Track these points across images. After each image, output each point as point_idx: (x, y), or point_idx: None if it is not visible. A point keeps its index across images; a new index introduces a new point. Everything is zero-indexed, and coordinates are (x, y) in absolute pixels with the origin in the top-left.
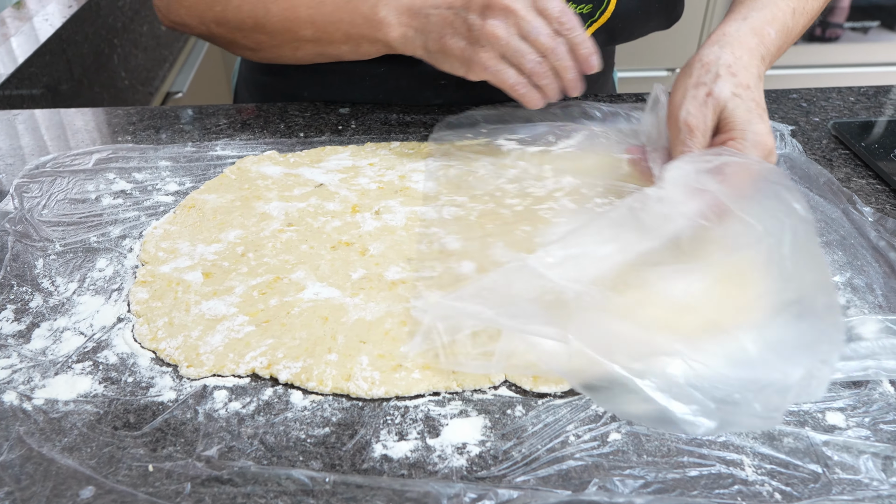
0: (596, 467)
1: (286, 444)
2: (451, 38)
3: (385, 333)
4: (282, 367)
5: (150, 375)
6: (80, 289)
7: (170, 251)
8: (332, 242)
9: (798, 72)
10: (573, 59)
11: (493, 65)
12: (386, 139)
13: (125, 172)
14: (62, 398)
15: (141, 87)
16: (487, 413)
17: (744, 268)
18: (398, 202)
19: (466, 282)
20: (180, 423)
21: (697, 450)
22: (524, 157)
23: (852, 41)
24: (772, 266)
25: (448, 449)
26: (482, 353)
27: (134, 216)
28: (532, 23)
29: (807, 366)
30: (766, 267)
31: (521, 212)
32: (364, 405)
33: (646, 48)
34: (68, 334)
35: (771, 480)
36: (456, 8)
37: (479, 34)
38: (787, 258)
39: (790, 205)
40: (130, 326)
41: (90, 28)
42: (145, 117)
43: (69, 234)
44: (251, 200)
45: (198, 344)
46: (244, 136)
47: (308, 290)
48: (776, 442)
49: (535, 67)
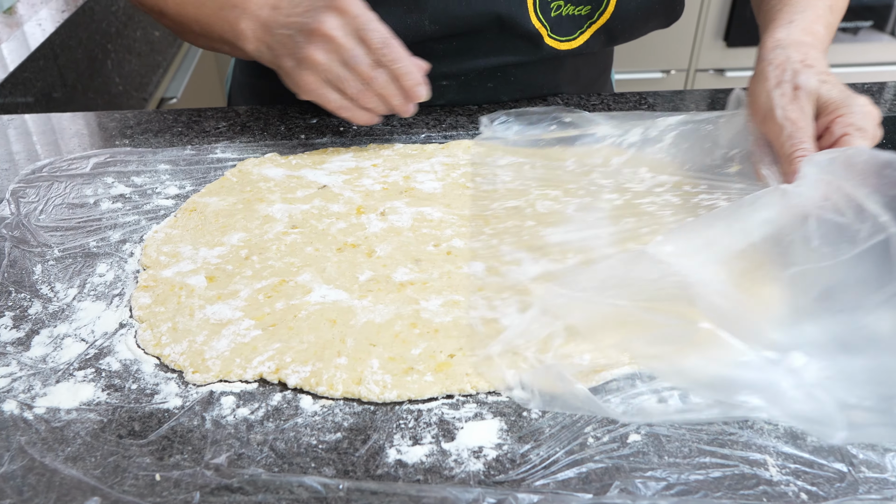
0: (617, 469)
1: (297, 451)
2: (285, 59)
3: (395, 336)
4: (290, 372)
5: (154, 382)
6: (80, 294)
7: (172, 255)
8: (337, 244)
9: None
10: (398, 87)
11: (315, 88)
12: (388, 140)
13: (124, 176)
14: (64, 406)
15: (135, 93)
16: (503, 415)
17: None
18: (404, 203)
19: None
20: (187, 431)
21: (719, 450)
22: (614, 154)
23: (843, 42)
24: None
25: (464, 453)
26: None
27: (134, 220)
28: (352, 51)
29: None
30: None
31: (621, 206)
32: (376, 409)
33: (640, 50)
34: (69, 341)
35: (796, 480)
36: (292, 30)
37: (303, 58)
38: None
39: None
40: (133, 332)
41: (83, 33)
42: (142, 121)
43: (68, 239)
44: (253, 203)
45: (203, 349)
46: (244, 139)
47: (315, 292)
48: (799, 441)
49: (357, 94)
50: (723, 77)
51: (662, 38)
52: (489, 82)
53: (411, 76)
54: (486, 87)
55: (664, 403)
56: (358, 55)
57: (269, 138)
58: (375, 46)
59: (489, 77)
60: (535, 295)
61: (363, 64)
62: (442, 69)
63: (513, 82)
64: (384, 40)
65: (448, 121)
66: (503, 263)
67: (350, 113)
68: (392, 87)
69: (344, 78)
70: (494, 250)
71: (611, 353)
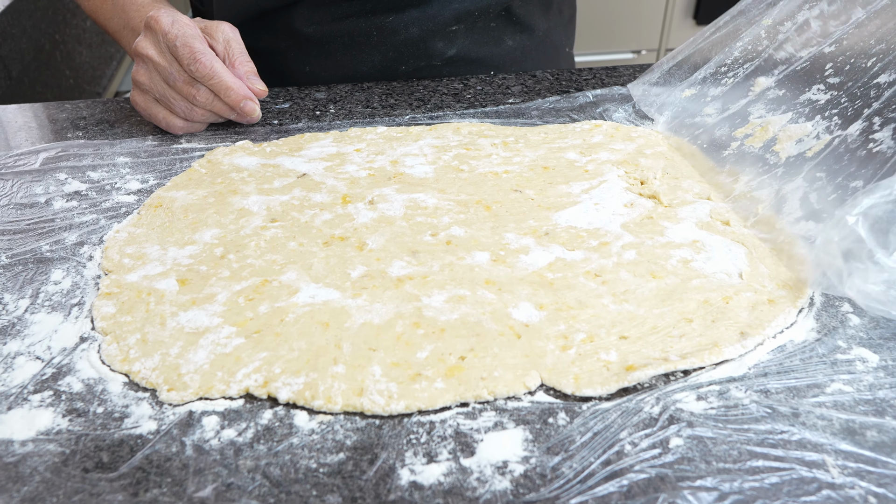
0: (661, 480)
1: (295, 477)
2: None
3: (397, 338)
4: (281, 385)
5: (123, 404)
6: (32, 306)
7: (137, 257)
8: (323, 238)
9: None
10: (224, 103)
11: (144, 107)
12: (370, 123)
13: (78, 171)
14: (18, 438)
15: (87, 87)
16: (526, 423)
17: None
18: (393, 190)
19: None
20: (165, 460)
21: (772, 451)
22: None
23: None
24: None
25: (487, 469)
26: None
27: (92, 219)
28: (167, 69)
29: None
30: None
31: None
32: (382, 423)
33: (609, 30)
34: (22, 360)
35: (860, 482)
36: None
37: (133, 79)
38: None
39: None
40: (96, 347)
41: (28, 21)
42: (96, 111)
43: (16, 244)
44: (226, 195)
45: (178, 363)
46: (211, 127)
47: (302, 292)
48: (857, 436)
49: (184, 111)
50: None
51: (632, 18)
52: (491, 22)
53: (231, 92)
54: (492, 32)
55: (704, 401)
56: (172, 73)
57: (239, 125)
58: (185, 63)
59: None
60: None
61: (180, 82)
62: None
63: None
64: (192, 56)
65: (433, 100)
66: (509, 252)
67: (179, 129)
68: (218, 104)
69: (168, 97)
70: (498, 237)
71: (640, 347)
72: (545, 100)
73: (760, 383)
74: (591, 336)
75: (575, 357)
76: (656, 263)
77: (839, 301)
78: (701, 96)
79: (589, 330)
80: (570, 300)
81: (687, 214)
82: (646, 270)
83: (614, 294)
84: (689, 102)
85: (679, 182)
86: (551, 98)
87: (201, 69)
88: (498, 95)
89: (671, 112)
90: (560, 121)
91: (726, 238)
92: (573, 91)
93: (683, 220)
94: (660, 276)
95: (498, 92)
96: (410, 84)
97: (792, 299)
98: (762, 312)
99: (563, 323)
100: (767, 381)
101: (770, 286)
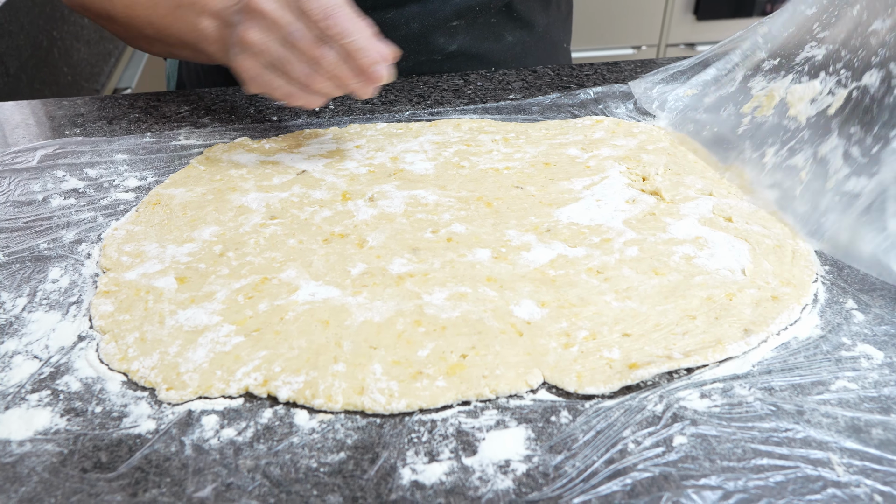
0: (665, 479)
1: (295, 477)
2: (232, 47)
3: (398, 336)
4: (281, 383)
5: (122, 403)
6: (30, 304)
7: (135, 255)
8: (323, 235)
9: None
10: (352, 67)
11: (255, 74)
12: (370, 119)
13: (76, 169)
14: (16, 438)
15: (85, 84)
16: (529, 422)
17: None
18: (393, 186)
19: None
20: (164, 459)
21: (776, 449)
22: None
23: None
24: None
25: (489, 468)
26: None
27: (90, 217)
28: (290, 27)
29: None
30: None
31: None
32: (383, 422)
33: (609, 26)
34: (19, 359)
35: (865, 480)
36: (235, 13)
37: (238, 41)
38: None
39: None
40: (94, 345)
41: (25, 18)
42: (94, 108)
43: (14, 242)
44: (225, 193)
45: (177, 361)
46: (210, 124)
47: (302, 290)
48: (863, 434)
49: (305, 77)
50: (693, 51)
51: (632, 13)
52: (492, 18)
53: (366, 53)
54: (492, 28)
55: (708, 399)
56: (298, 31)
57: (237, 121)
58: (316, 18)
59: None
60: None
61: (305, 40)
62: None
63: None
64: (325, 10)
65: (433, 96)
66: (511, 249)
67: (299, 101)
68: (344, 68)
69: (286, 59)
70: (499, 234)
71: (643, 345)
72: (546, 96)
73: (764, 381)
74: (593, 333)
75: (577, 355)
76: (659, 260)
77: (843, 297)
78: (702, 95)
79: (591, 327)
80: (573, 297)
81: (689, 210)
82: (648, 267)
83: (617, 291)
84: (690, 99)
85: (681, 178)
86: (552, 94)
87: (337, 25)
88: (498, 91)
89: (673, 108)
90: (561, 117)
91: (729, 234)
92: (574, 87)
93: (686, 216)
94: (662, 273)
95: (498, 88)
96: (410, 80)
97: (796, 296)
98: (766, 309)
99: (566, 320)
100: (771, 378)
101: (774, 283)
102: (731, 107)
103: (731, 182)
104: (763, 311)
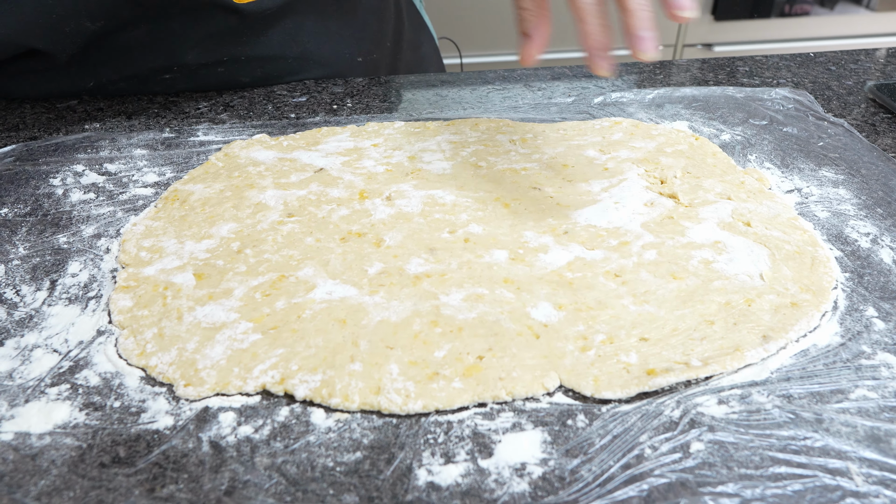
0: (682, 485)
1: (312, 476)
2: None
3: (415, 336)
4: (298, 382)
5: (140, 398)
6: (50, 298)
7: (154, 250)
8: (340, 233)
9: (772, 46)
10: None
11: (537, 22)
12: (388, 118)
13: (95, 163)
14: (35, 431)
15: None
16: (545, 425)
17: None
18: (411, 186)
19: None
20: (181, 455)
21: (794, 458)
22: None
23: (821, 15)
24: None
25: (505, 471)
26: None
27: (109, 212)
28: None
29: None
30: None
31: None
32: (399, 423)
33: None
34: (39, 352)
35: (885, 490)
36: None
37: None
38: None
39: None
40: (113, 340)
41: None
42: (114, 102)
43: (34, 235)
44: (243, 189)
45: (195, 358)
46: (228, 120)
47: (319, 288)
48: (882, 444)
49: (600, 32)
50: (711, 51)
51: None
52: (219, 67)
53: (640, 16)
54: (217, 73)
55: (725, 405)
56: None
57: (256, 118)
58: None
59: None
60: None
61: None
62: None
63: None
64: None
65: (450, 95)
66: (528, 251)
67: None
68: (609, 30)
69: (586, 7)
70: (517, 235)
71: (661, 349)
72: (564, 96)
73: (783, 388)
74: (610, 337)
75: (594, 358)
76: (677, 264)
77: (863, 305)
78: None
79: (609, 331)
80: (590, 300)
81: (708, 214)
82: (666, 271)
83: (634, 295)
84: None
85: (700, 181)
86: (570, 95)
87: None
88: (516, 90)
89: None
90: (579, 117)
91: (748, 239)
92: (592, 87)
93: (705, 220)
94: (680, 277)
95: (516, 87)
96: (428, 78)
97: (815, 303)
98: (785, 316)
99: (583, 323)
100: (790, 385)
101: (793, 289)
102: None
103: (750, 186)
104: (782, 318)
